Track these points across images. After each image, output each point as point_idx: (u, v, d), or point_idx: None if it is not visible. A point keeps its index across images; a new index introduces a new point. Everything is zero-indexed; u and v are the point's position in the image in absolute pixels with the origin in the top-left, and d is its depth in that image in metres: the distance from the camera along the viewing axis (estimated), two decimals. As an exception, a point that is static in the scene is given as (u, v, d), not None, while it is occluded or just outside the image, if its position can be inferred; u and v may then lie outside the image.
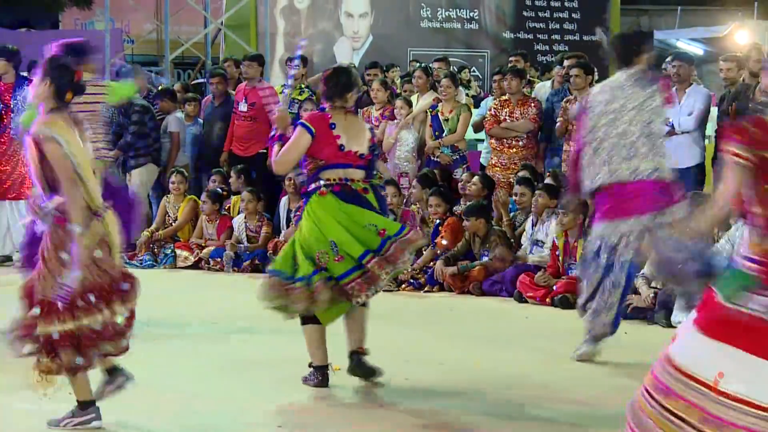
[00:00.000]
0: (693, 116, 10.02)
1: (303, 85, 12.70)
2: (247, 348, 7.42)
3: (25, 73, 11.61)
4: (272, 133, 6.49)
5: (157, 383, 6.09)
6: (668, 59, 10.39)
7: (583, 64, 10.66)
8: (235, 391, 6.18)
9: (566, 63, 11.15)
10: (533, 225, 9.85)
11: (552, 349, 7.51)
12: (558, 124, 10.63)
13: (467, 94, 13.13)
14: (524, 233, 9.98)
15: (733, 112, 9.64)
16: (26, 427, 5.39)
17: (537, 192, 9.85)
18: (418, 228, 10.41)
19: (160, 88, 13.48)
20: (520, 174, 10.39)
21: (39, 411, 5.35)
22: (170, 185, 11.92)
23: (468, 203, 10.27)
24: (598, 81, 11.00)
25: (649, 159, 6.77)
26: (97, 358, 5.16)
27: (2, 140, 11.08)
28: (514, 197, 10.35)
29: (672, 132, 10.06)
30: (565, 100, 10.65)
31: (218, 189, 11.79)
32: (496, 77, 11.83)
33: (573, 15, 18.70)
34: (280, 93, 12.52)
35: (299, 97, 12.43)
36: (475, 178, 10.55)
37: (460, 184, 10.86)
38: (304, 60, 13.08)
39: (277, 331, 7.20)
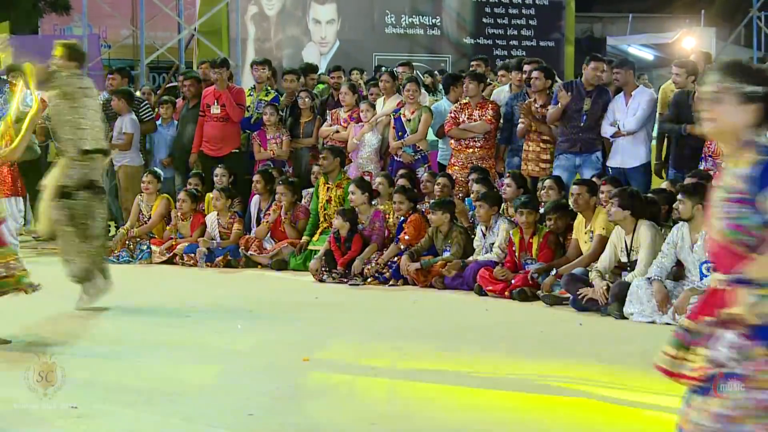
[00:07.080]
0: (635, 117, 9.99)
1: (269, 87, 12.62)
2: (219, 338, 7.34)
3: (5, 77, 11.48)
4: None
5: (131, 371, 6.03)
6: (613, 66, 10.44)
7: (543, 68, 10.78)
8: (206, 380, 6.11)
9: (526, 68, 11.09)
10: (483, 235, 9.84)
11: (510, 337, 7.52)
12: (519, 125, 10.60)
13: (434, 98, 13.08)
14: (476, 237, 9.94)
15: (676, 119, 9.68)
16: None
17: (477, 204, 9.80)
18: (384, 229, 10.37)
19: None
20: (477, 189, 10.10)
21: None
22: (142, 185, 11.82)
23: (432, 200, 10.23)
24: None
25: None
26: None
27: (-18, 141, 10.89)
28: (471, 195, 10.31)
29: (618, 133, 10.06)
30: (526, 102, 10.60)
31: (194, 190, 11.70)
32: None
33: (530, 22, 18.75)
34: (248, 95, 12.45)
35: (265, 98, 12.35)
36: (443, 179, 10.50)
37: (422, 183, 10.82)
38: (268, 63, 13.00)
39: (249, 321, 7.15)
